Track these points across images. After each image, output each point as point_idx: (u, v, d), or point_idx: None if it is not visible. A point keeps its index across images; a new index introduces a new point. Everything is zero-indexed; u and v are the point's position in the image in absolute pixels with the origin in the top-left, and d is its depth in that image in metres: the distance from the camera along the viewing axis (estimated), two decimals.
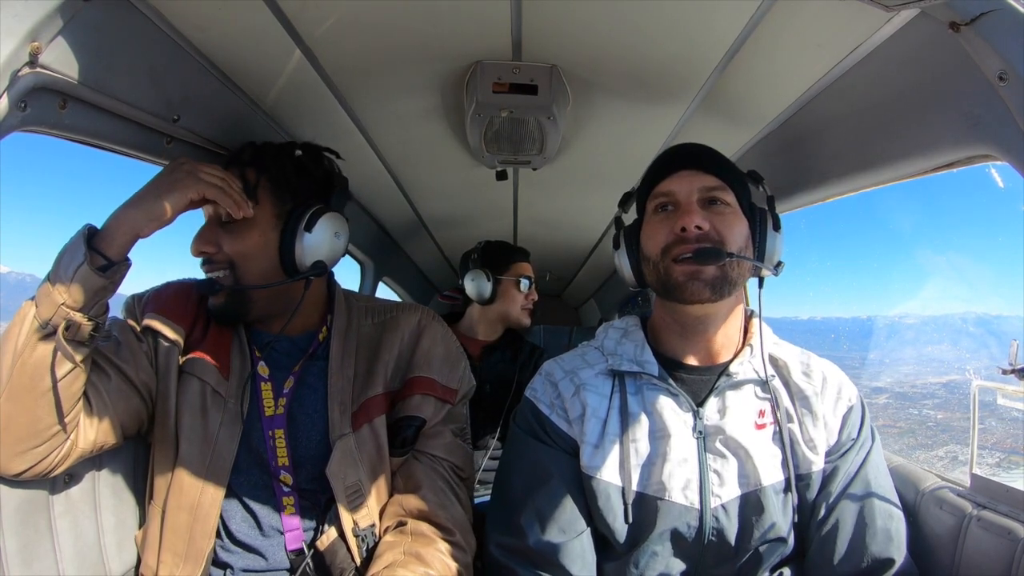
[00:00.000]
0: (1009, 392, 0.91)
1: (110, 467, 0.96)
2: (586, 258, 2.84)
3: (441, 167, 1.60)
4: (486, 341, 1.92)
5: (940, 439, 8.10)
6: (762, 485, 0.86)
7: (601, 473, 0.87)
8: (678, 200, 0.89)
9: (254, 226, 0.96)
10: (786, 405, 0.91)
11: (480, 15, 0.88)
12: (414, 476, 1.01)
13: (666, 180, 0.90)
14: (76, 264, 0.77)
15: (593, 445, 0.89)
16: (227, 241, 0.95)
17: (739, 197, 0.90)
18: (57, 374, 0.78)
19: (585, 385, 0.93)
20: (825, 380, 0.93)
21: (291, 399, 0.99)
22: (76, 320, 0.77)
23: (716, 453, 0.87)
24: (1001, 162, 0.73)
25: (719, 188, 0.88)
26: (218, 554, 0.94)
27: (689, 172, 0.89)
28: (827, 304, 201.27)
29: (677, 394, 0.89)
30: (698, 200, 0.88)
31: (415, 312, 1.11)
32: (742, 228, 0.88)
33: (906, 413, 9.15)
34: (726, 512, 0.86)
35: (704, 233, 0.85)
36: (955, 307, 47.71)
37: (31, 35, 0.64)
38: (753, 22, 0.85)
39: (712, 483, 0.86)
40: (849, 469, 0.88)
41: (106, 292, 0.80)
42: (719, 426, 0.88)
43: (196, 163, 0.89)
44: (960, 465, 3.92)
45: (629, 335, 0.98)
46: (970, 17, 0.68)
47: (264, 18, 0.84)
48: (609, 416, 0.90)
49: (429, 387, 1.04)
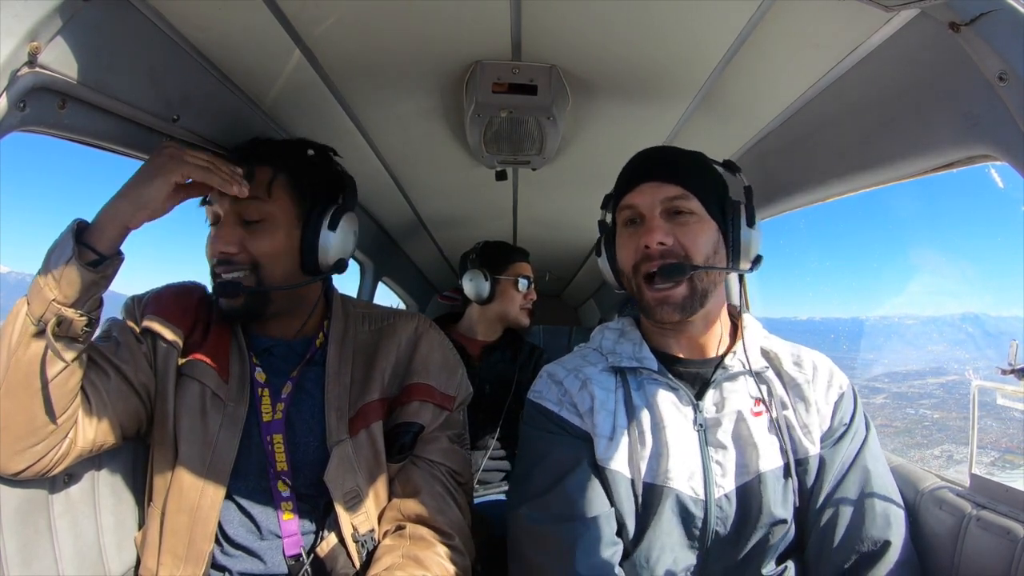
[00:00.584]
0: (1009, 392, 0.91)
1: (109, 468, 0.96)
2: (586, 258, 2.84)
3: (441, 167, 1.60)
4: (485, 341, 1.92)
5: (935, 438, 8.13)
6: (761, 472, 0.87)
7: (615, 464, 0.89)
8: (642, 214, 0.90)
9: (279, 225, 0.95)
10: (780, 394, 0.93)
11: (479, 15, 0.88)
12: (412, 481, 1.01)
13: (631, 193, 0.91)
14: (64, 259, 0.76)
15: (607, 438, 0.90)
16: (251, 241, 0.94)
17: (706, 201, 0.90)
18: (52, 371, 0.77)
19: (591, 379, 0.94)
20: (816, 368, 0.96)
21: (289, 404, 0.99)
22: (67, 316, 0.76)
23: (717, 444, 0.89)
24: (1001, 162, 0.73)
25: (681, 197, 0.88)
26: (216, 558, 0.94)
27: (651, 184, 0.90)
28: (827, 304, 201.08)
29: (677, 388, 0.92)
30: (661, 212, 0.89)
31: (412, 319, 1.11)
32: (709, 235, 0.89)
33: (903, 412, 9.18)
34: (729, 501, 0.88)
35: (668, 248, 0.87)
36: (952, 307, 47.56)
37: (30, 35, 0.63)
38: (753, 22, 0.85)
39: (715, 473, 0.88)
40: (845, 457, 0.90)
41: (97, 287, 0.79)
42: (718, 418, 0.90)
43: (180, 147, 0.86)
44: (956, 464, 3.95)
45: (626, 335, 1.00)
46: (970, 17, 0.67)
47: (264, 18, 0.84)
48: (617, 409, 0.92)
49: (427, 393, 1.04)
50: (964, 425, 0.97)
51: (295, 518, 0.96)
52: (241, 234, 0.94)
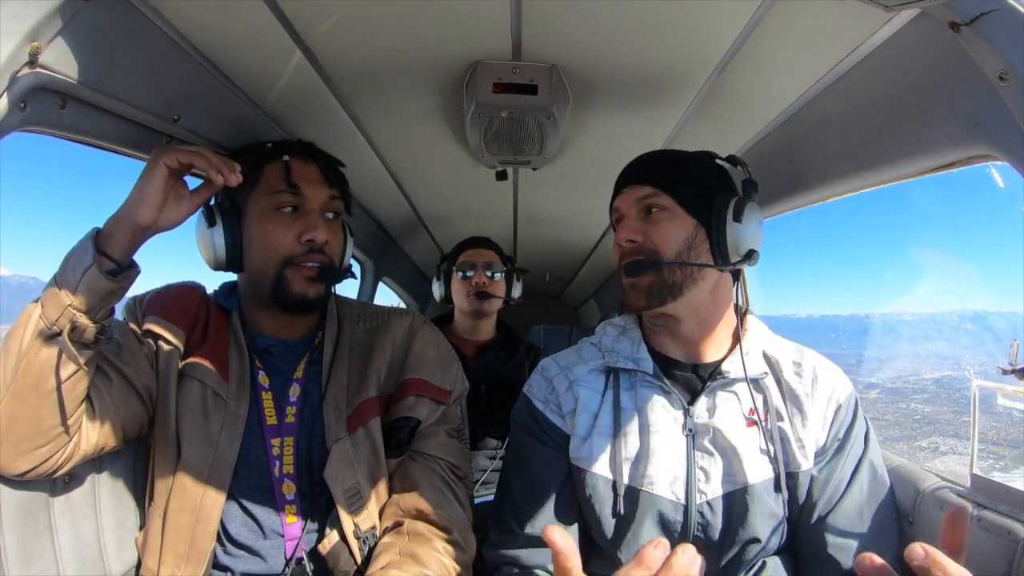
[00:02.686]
0: (1009, 392, 0.91)
1: (110, 468, 0.96)
2: (586, 258, 2.84)
3: (441, 167, 1.60)
4: (477, 341, 1.89)
5: (923, 431, 8.19)
6: (748, 484, 0.87)
7: (592, 466, 0.90)
8: (623, 215, 0.95)
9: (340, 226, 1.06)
10: (776, 404, 0.92)
11: (480, 15, 0.88)
12: (411, 476, 1.01)
13: (618, 197, 0.97)
14: (84, 267, 0.76)
15: (581, 437, 0.92)
16: (333, 235, 1.01)
17: (681, 197, 0.91)
18: (62, 375, 0.78)
19: (578, 380, 0.96)
20: (816, 379, 0.93)
21: (300, 407, 1.00)
22: (82, 323, 0.77)
23: (704, 451, 0.89)
24: (1001, 162, 0.72)
25: (652, 196, 0.92)
26: (218, 557, 0.94)
27: (631, 188, 0.95)
28: (826, 303, 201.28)
29: (669, 392, 0.92)
30: (637, 212, 0.93)
31: (406, 316, 1.12)
32: (680, 231, 0.90)
33: (895, 407, 9.22)
34: (711, 509, 0.87)
35: (637, 245, 0.91)
36: (952, 304, 47.65)
37: (31, 35, 0.63)
38: (753, 22, 0.85)
39: (699, 480, 0.88)
40: (840, 476, 0.88)
41: (114, 296, 0.80)
42: (708, 424, 0.89)
43: (175, 143, 0.89)
44: (941, 456, 4.16)
45: (626, 333, 1.00)
46: (970, 17, 0.67)
47: (264, 18, 0.84)
48: (601, 410, 0.93)
49: (423, 388, 1.04)
50: (953, 419, 0.98)
51: (297, 517, 0.97)
52: (328, 227, 1.00)
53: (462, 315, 1.90)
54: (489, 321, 1.91)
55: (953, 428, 7.71)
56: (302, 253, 0.97)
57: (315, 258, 0.98)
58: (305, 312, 1.02)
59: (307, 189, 0.99)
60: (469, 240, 1.94)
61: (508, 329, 1.97)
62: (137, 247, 0.83)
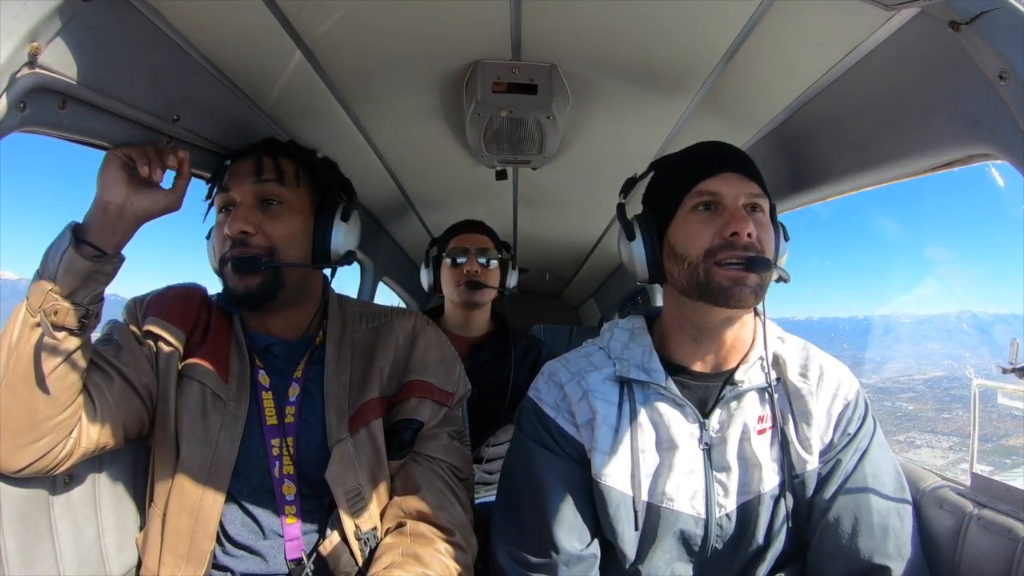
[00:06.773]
0: (1009, 391, 0.91)
1: (110, 469, 0.96)
2: (586, 258, 2.84)
3: (441, 167, 1.60)
4: (470, 338, 1.74)
5: (904, 426, 8.27)
6: (762, 492, 0.87)
7: (613, 481, 0.87)
8: (724, 203, 0.86)
9: (297, 212, 0.99)
10: (782, 405, 0.91)
11: (479, 15, 0.88)
12: (412, 478, 1.01)
13: (711, 179, 0.87)
14: (61, 251, 0.78)
15: (605, 453, 0.88)
16: (270, 224, 0.96)
17: (770, 207, 0.91)
18: (52, 363, 0.78)
19: (592, 391, 0.91)
20: (821, 378, 0.92)
21: (299, 407, 1.00)
22: (63, 306, 0.77)
23: (721, 465, 0.88)
24: (1001, 161, 0.73)
25: (760, 196, 0.88)
26: (218, 557, 0.94)
27: (735, 175, 0.87)
28: (826, 304, 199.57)
29: (684, 405, 0.89)
30: (743, 206, 0.86)
31: (409, 317, 1.12)
32: (773, 238, 0.90)
33: (880, 405, 9.33)
34: (729, 519, 0.88)
35: (752, 241, 0.84)
36: (951, 306, 47.67)
37: (30, 35, 0.63)
38: (753, 22, 0.85)
39: (717, 493, 0.88)
40: (846, 467, 0.88)
41: (95, 281, 0.81)
42: (723, 436, 0.88)
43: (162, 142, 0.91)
44: (916, 449, 4.23)
45: (636, 338, 0.95)
46: (970, 16, 0.67)
47: (264, 18, 0.84)
48: (620, 424, 0.90)
49: (426, 390, 1.04)
50: (934, 416, 0.98)
51: (297, 517, 0.97)
52: (260, 216, 0.96)
53: (453, 306, 1.75)
54: (482, 313, 1.76)
55: (932, 424, 7.84)
56: (230, 249, 0.96)
57: (235, 252, 0.95)
58: (257, 308, 0.99)
59: (234, 185, 0.97)
60: (460, 224, 1.77)
61: (504, 323, 1.81)
62: (120, 234, 0.83)
